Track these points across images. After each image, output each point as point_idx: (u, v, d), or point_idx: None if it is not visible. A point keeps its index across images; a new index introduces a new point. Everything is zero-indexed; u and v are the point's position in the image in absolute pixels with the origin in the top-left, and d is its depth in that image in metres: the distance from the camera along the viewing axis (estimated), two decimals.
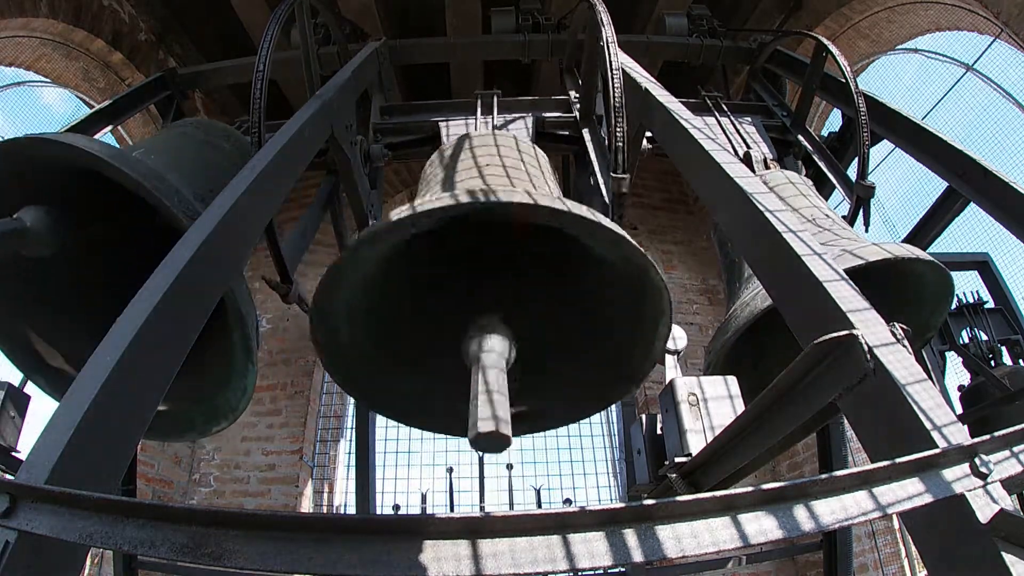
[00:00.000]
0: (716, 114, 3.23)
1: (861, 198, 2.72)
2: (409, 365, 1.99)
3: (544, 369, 1.97)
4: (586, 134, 2.89)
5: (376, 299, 1.79)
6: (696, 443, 1.54)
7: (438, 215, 1.51)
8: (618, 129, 2.05)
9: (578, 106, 3.10)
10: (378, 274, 1.71)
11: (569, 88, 3.28)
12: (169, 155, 2.25)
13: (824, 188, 3.05)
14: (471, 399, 1.20)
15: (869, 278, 1.76)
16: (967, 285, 3.90)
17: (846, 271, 1.34)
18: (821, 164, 3.00)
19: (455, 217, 1.54)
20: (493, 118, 3.03)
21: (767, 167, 2.91)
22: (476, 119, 3.02)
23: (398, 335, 1.95)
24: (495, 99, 3.12)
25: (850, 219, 2.80)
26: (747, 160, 2.84)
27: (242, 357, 1.94)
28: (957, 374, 3.69)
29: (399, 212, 1.55)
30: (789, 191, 2.56)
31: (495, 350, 1.44)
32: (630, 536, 0.75)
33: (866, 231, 2.79)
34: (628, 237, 1.58)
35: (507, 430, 1.09)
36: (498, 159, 2.21)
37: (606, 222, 1.56)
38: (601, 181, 2.51)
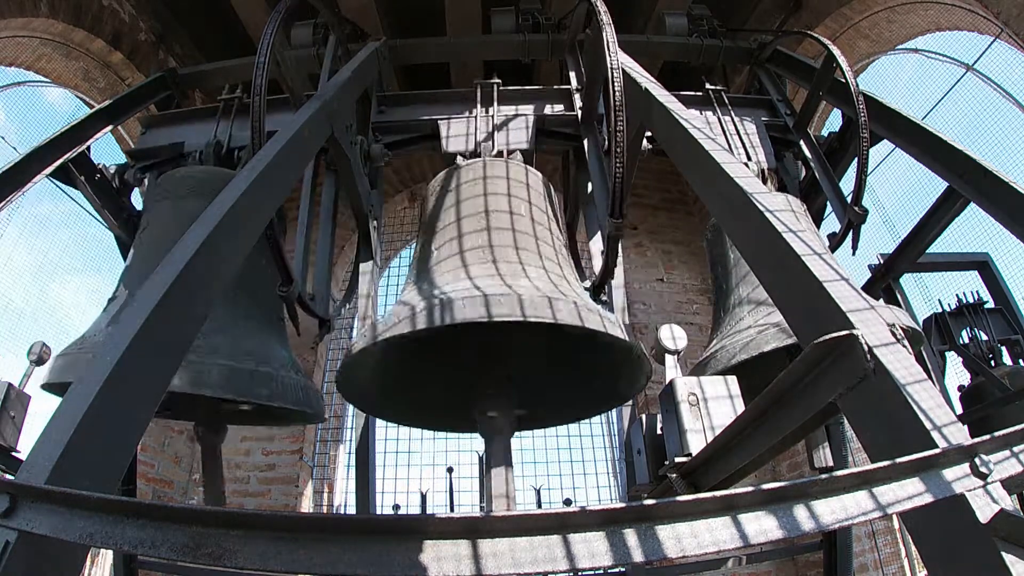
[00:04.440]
0: (719, 110, 3.22)
1: (852, 222, 2.73)
2: (419, 400, 2.60)
3: (543, 399, 2.56)
4: (587, 145, 2.88)
5: (390, 369, 2.38)
6: (696, 443, 1.54)
7: (424, 333, 1.86)
8: (617, 166, 2.10)
9: (579, 94, 3.09)
10: (388, 354, 2.21)
11: (570, 69, 3.27)
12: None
13: (820, 194, 3.06)
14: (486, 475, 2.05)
15: None
16: (967, 285, 3.90)
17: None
18: (818, 174, 3.00)
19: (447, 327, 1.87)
20: (493, 116, 3.02)
21: (764, 182, 2.92)
22: (476, 117, 3.02)
23: (410, 384, 2.53)
24: (495, 89, 3.12)
25: (838, 239, 2.82)
26: None
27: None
28: (957, 374, 3.69)
29: (392, 325, 1.92)
30: None
31: (502, 435, 2.08)
32: (630, 536, 0.75)
33: (853, 254, 2.84)
34: (618, 335, 1.96)
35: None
36: (488, 235, 2.33)
37: (595, 325, 1.86)
38: (599, 222, 2.62)
